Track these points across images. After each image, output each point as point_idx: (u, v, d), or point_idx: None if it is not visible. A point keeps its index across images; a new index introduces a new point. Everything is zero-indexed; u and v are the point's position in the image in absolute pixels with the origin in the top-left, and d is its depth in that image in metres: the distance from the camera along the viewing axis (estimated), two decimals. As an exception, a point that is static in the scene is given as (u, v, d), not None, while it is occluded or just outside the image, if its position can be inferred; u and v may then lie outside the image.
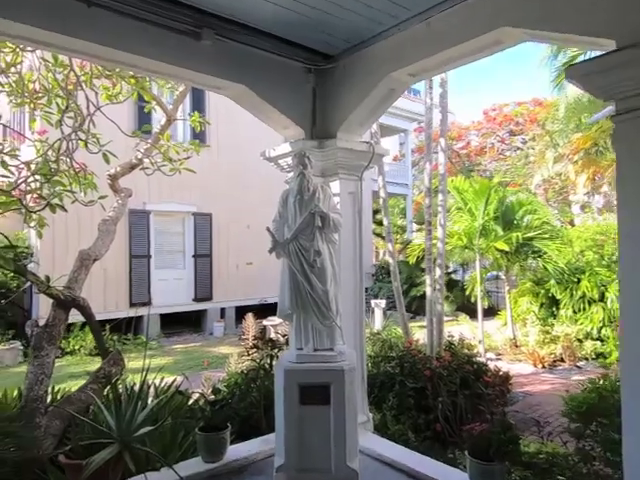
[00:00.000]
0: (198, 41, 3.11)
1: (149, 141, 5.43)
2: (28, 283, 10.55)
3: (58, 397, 4.25)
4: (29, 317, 9.57)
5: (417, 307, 12.49)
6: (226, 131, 12.30)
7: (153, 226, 11.20)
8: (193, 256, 11.79)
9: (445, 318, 12.86)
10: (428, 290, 4.78)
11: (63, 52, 3.23)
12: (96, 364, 8.80)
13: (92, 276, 10.57)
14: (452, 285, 12.84)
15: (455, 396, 4.30)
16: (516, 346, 9.02)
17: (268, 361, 4.44)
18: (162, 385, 4.56)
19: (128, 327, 10.57)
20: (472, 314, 11.92)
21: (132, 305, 10.69)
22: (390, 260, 5.23)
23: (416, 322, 11.44)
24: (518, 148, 19.56)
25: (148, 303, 10.93)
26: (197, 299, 11.76)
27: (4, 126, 5.73)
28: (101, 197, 4.51)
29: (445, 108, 5.30)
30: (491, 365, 5.52)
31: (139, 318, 10.83)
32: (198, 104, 11.82)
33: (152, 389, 4.47)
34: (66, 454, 2.79)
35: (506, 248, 8.19)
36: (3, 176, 4.15)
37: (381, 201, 5.64)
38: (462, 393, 4.32)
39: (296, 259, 3.00)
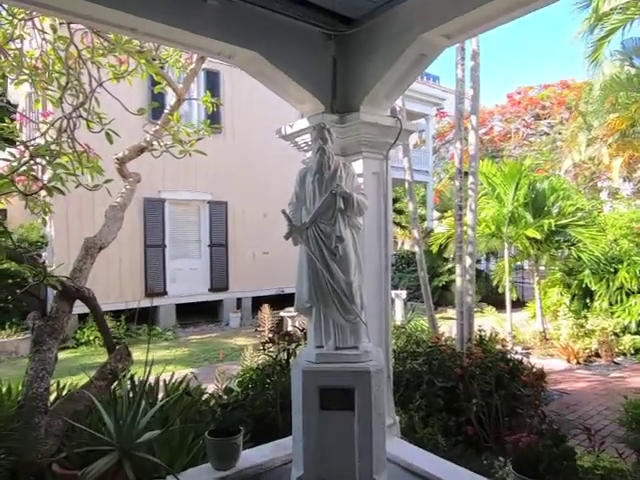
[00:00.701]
0: (204, 1, 2.76)
1: (158, 122, 5.11)
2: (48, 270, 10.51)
3: (64, 393, 4.02)
4: (44, 307, 9.49)
5: (439, 298, 12.06)
6: (242, 117, 11.96)
7: (168, 215, 10.99)
8: (209, 245, 11.56)
9: (469, 309, 12.51)
10: (458, 281, 4.39)
11: (56, 13, 2.92)
12: (111, 355, 8.73)
13: (109, 266, 10.54)
14: (476, 275, 12.34)
15: (489, 397, 3.92)
16: (546, 339, 8.55)
17: (285, 356, 4.13)
18: (173, 381, 4.29)
19: (143, 317, 10.45)
20: (497, 305, 11.43)
21: (148, 295, 10.52)
22: (416, 249, 4.84)
23: (438, 313, 11.00)
24: (544, 133, 18.75)
25: (163, 293, 10.78)
26: (213, 289, 11.55)
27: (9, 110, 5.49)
28: (107, 181, 4.22)
29: (477, 83, 4.84)
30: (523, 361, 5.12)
31: (155, 308, 10.69)
32: (212, 89, 11.47)
33: (162, 384, 4.21)
34: (61, 463, 2.52)
35: (537, 236, 7.69)
36: (4, 159, 3.89)
37: (406, 185, 5.22)
38: (497, 394, 3.94)
39: (315, 246, 2.65)
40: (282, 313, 9.26)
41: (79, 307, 9.69)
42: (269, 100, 11.76)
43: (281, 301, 12.09)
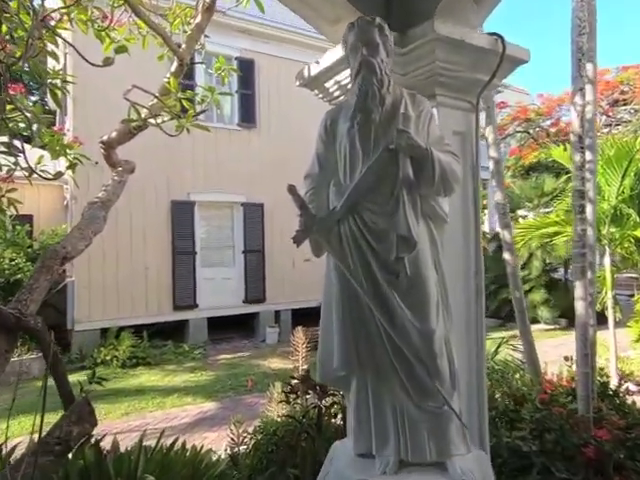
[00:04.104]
0: None
1: (152, 93, 3.91)
2: (67, 280, 9.78)
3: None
4: (64, 319, 8.70)
5: (509, 313, 10.30)
6: (279, 111, 10.80)
7: (198, 219, 9.98)
8: (243, 252, 10.44)
9: (546, 326, 10.57)
10: (579, 306, 2.86)
11: None
12: (129, 379, 7.73)
13: (133, 276, 9.65)
14: (552, 285, 10.46)
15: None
16: (659, 371, 6.66)
17: (315, 419, 2.78)
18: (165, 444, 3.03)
19: (172, 333, 9.46)
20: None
21: (176, 308, 9.53)
22: (506, 256, 3.34)
23: (506, 331, 9.25)
24: (625, 120, 16.32)
25: (194, 306, 9.76)
26: (248, 301, 10.40)
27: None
28: (70, 166, 3.09)
29: (593, 14, 3.34)
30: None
31: (184, 323, 9.67)
32: (246, 82, 10.42)
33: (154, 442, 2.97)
34: None
35: (653, 238, 5.96)
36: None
37: (491, 165, 3.68)
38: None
39: (357, 257, 1.31)
40: (323, 332, 7.96)
41: (101, 321, 8.79)
42: (309, 94, 10.63)
43: (324, 314, 10.82)
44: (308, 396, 3.05)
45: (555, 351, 6.79)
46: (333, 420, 2.64)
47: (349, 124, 1.38)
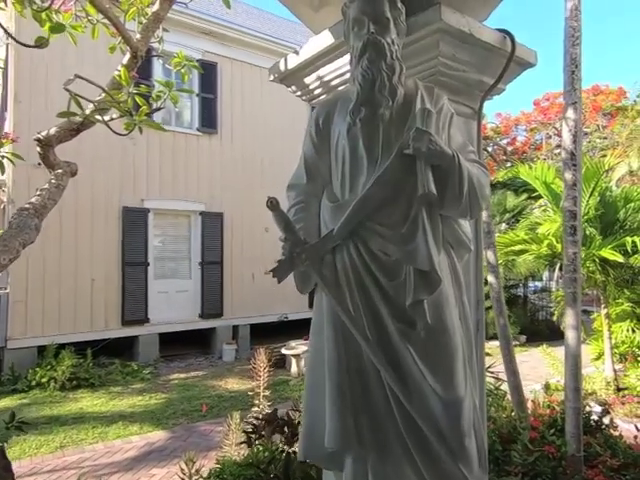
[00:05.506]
0: None
1: (101, 86, 3.45)
2: (1, 292, 8.84)
3: None
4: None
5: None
6: (241, 118, 10.38)
7: (152, 227, 9.34)
8: (200, 263, 9.86)
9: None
10: (570, 336, 2.64)
11: None
12: (69, 404, 6.92)
13: (77, 289, 8.86)
14: (513, 302, 10.57)
15: None
16: (618, 390, 6.71)
17: (282, 469, 2.39)
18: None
19: (119, 350, 8.74)
20: (538, 337, 9.75)
21: (125, 323, 8.82)
22: (492, 280, 3.10)
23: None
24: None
25: (144, 320, 9.08)
26: (204, 315, 9.81)
27: None
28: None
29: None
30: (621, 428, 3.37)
31: (134, 339, 8.97)
32: (208, 86, 9.97)
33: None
34: None
35: (618, 258, 5.97)
36: None
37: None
38: None
39: (360, 297, 0.96)
40: (284, 350, 7.50)
41: (38, 338, 7.99)
42: (275, 99, 10.23)
43: (284, 329, 10.34)
44: (275, 438, 2.65)
45: (519, 368, 6.71)
46: (307, 471, 2.27)
47: (349, 121, 1.05)
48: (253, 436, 2.68)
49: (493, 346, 7.90)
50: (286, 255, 0.99)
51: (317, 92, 1.90)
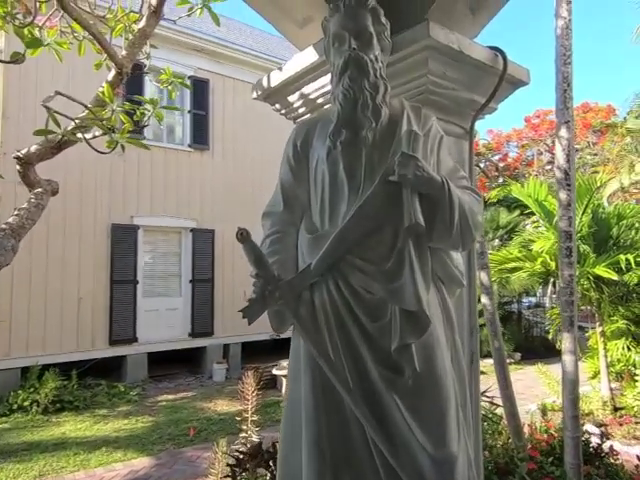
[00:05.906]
0: None
1: (84, 104, 3.36)
2: None
3: None
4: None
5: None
6: (233, 135, 10.35)
7: (142, 245, 9.18)
8: (191, 281, 9.70)
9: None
10: (567, 361, 2.53)
11: None
12: (51, 428, 6.63)
13: (63, 307, 8.67)
14: (507, 319, 10.48)
15: None
16: (615, 410, 6.58)
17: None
18: None
19: (106, 370, 8.50)
20: (533, 355, 9.63)
21: (112, 343, 8.60)
22: (485, 302, 3.01)
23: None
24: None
25: (132, 340, 8.87)
26: (194, 334, 9.61)
27: None
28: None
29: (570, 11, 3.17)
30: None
31: (121, 359, 8.75)
32: (200, 102, 9.94)
33: None
34: None
35: (612, 276, 5.91)
36: None
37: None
38: None
39: (341, 340, 0.85)
40: (275, 371, 7.32)
41: (22, 359, 7.77)
42: (266, 116, 10.24)
43: (277, 348, 10.15)
44: (260, 472, 2.51)
45: (514, 387, 6.59)
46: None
47: (329, 144, 0.96)
48: (237, 470, 2.54)
49: (487, 364, 7.81)
50: (257, 293, 0.89)
51: (301, 111, 1.82)
